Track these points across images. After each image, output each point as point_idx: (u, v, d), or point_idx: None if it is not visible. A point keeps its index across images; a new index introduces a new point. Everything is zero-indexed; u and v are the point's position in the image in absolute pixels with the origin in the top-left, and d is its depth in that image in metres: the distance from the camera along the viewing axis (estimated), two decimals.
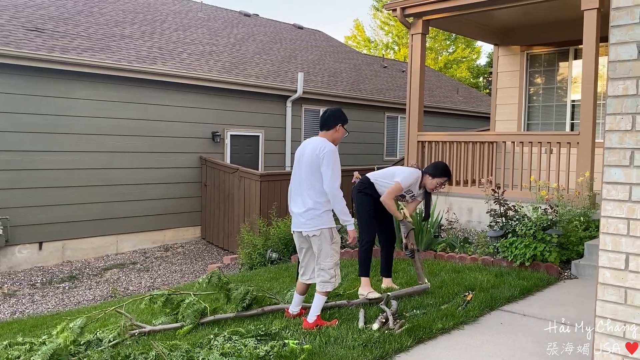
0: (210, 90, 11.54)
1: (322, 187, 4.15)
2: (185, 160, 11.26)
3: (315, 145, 4.25)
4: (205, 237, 11.55)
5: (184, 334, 4.23)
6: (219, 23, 16.24)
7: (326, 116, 4.39)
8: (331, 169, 4.13)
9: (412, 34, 8.85)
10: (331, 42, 20.17)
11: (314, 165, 4.18)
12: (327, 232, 4.17)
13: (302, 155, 4.30)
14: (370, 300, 4.74)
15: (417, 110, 8.81)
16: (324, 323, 4.21)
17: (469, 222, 8.13)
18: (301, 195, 4.23)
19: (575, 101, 9.37)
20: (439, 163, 5.29)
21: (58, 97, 9.47)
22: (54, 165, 9.46)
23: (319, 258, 4.18)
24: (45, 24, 10.62)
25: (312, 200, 4.17)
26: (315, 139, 4.35)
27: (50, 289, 8.57)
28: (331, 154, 4.17)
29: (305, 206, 4.18)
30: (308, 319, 4.20)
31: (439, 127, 15.63)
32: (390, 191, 4.95)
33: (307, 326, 4.14)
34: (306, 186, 4.21)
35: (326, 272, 4.16)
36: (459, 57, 32.23)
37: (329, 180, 4.13)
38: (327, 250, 4.17)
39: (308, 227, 4.17)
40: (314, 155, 4.19)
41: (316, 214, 4.15)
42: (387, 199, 4.96)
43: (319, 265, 4.19)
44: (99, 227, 10.08)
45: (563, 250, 5.94)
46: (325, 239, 4.16)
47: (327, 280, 4.18)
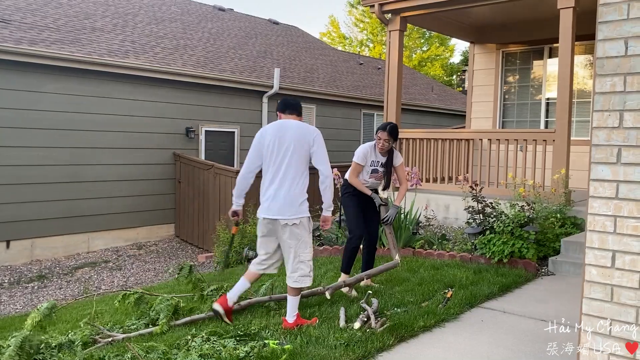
0: (184, 85, 11.33)
1: (305, 176, 4.00)
2: (159, 156, 11.03)
3: (300, 129, 4.03)
4: (179, 235, 11.35)
5: (160, 332, 4.10)
6: (193, 17, 15.98)
7: (292, 100, 4.24)
8: (325, 151, 4.02)
9: (389, 30, 8.82)
10: (307, 38, 20.06)
11: (303, 151, 3.98)
12: (306, 221, 4.03)
13: (280, 138, 4.01)
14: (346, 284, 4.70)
15: (394, 106, 8.78)
16: (305, 322, 4.10)
17: (446, 219, 8.15)
18: (284, 181, 3.97)
19: (550, 99, 9.48)
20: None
21: (25, 90, 9.16)
22: (21, 161, 9.16)
23: (298, 249, 3.99)
24: (12, 15, 10.27)
25: (298, 187, 3.98)
26: (293, 121, 4.12)
27: (19, 289, 8.31)
28: (322, 138, 4.05)
29: (290, 193, 3.96)
30: (287, 318, 4.07)
31: (415, 125, 15.69)
32: (351, 170, 5.03)
33: (288, 326, 4.03)
34: (293, 173, 3.97)
35: (305, 264, 4.01)
36: (433, 55, 32.45)
37: (326, 164, 4.02)
38: (306, 240, 4.02)
39: (289, 215, 3.95)
40: (302, 140, 3.99)
41: (300, 202, 3.98)
42: (350, 178, 5.02)
43: (297, 257, 3.99)
44: (69, 224, 9.81)
45: (540, 246, 5.98)
46: (305, 228, 4.01)
47: (307, 274, 4.03)
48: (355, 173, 5.00)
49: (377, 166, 5.06)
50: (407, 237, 6.75)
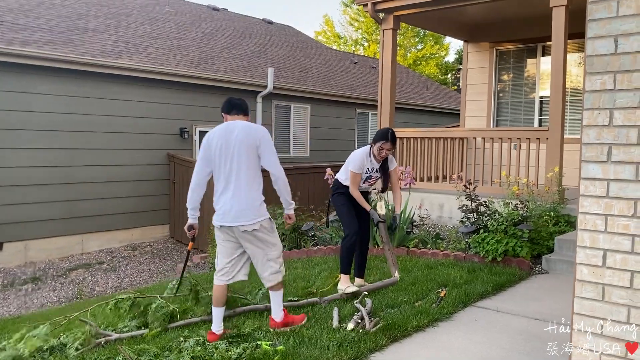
0: (178, 86, 11.29)
1: (258, 178, 3.86)
2: (153, 157, 10.99)
3: (245, 131, 3.83)
4: (174, 235, 11.31)
5: (153, 336, 4.08)
6: (187, 17, 15.93)
7: (237, 100, 4.04)
8: (273, 151, 3.87)
9: (383, 29, 8.81)
10: (301, 38, 20.03)
11: (251, 153, 3.79)
12: (267, 222, 3.91)
13: (227, 141, 3.80)
14: (346, 294, 4.68)
15: (388, 106, 8.78)
16: (292, 318, 4.06)
17: (440, 217, 8.15)
18: (238, 187, 3.78)
19: (543, 97, 9.49)
20: (380, 129, 5.17)
21: (18, 91, 9.10)
22: (14, 162, 9.10)
23: (264, 250, 3.89)
24: (3, 15, 10.20)
25: (253, 191, 3.82)
26: (240, 122, 3.91)
27: (12, 291, 8.26)
28: (269, 136, 3.89)
29: (245, 199, 3.79)
30: (274, 317, 4.01)
31: (409, 124, 15.67)
32: (351, 182, 4.90)
33: (276, 325, 3.99)
34: (245, 177, 3.78)
35: (274, 261, 3.94)
36: (428, 53, 32.47)
37: (275, 164, 3.87)
38: (272, 240, 3.94)
39: (248, 221, 3.78)
40: (249, 139, 3.80)
41: (256, 206, 3.83)
42: (352, 190, 4.91)
43: (265, 256, 3.90)
44: (63, 226, 9.75)
45: (534, 245, 5.98)
46: (268, 230, 3.91)
47: (278, 270, 3.96)
48: (356, 184, 4.88)
49: (371, 172, 4.99)
50: (401, 237, 6.74)
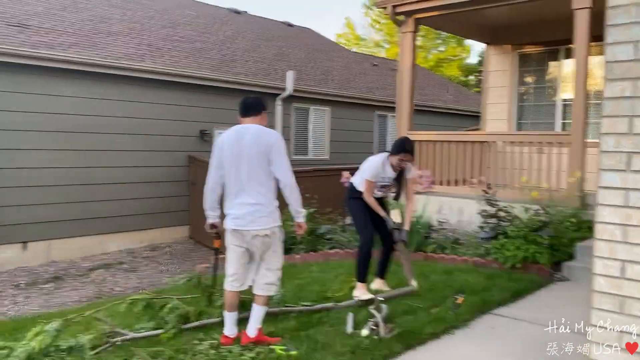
0: (198, 88, 11.38)
1: (271, 182, 3.76)
2: (173, 158, 11.10)
3: (257, 136, 3.74)
4: (193, 236, 11.40)
5: (168, 339, 4.10)
6: (209, 20, 16.06)
7: (252, 101, 3.96)
8: (284, 158, 3.77)
9: (402, 32, 8.76)
10: (321, 40, 20.04)
11: (262, 158, 3.71)
12: (278, 230, 3.84)
13: (239, 146, 3.75)
14: (361, 301, 4.65)
15: (407, 109, 8.72)
16: (266, 339, 3.83)
17: (459, 222, 8.05)
18: (250, 192, 3.73)
19: (566, 100, 9.33)
20: (397, 139, 5.11)
21: (43, 94, 9.27)
22: (38, 164, 9.27)
23: (269, 257, 3.81)
24: (30, 19, 10.41)
25: (263, 196, 3.73)
26: (252, 126, 3.83)
27: (35, 290, 8.39)
28: (280, 141, 3.79)
29: (258, 204, 3.72)
30: (248, 331, 3.82)
31: (429, 126, 15.51)
32: (364, 189, 4.89)
33: (247, 341, 3.78)
34: (255, 182, 3.72)
35: (273, 272, 3.84)
36: (450, 55, 32.22)
37: (285, 171, 3.75)
38: (277, 250, 3.85)
39: (259, 225, 3.72)
40: (260, 145, 3.71)
41: (268, 211, 3.75)
42: (366, 197, 4.89)
43: (266, 265, 3.82)
44: (84, 226, 9.91)
45: (554, 251, 5.87)
46: (277, 237, 3.83)
47: (273, 282, 3.85)
48: (370, 191, 4.87)
49: (387, 181, 4.97)
50: (418, 241, 6.69)
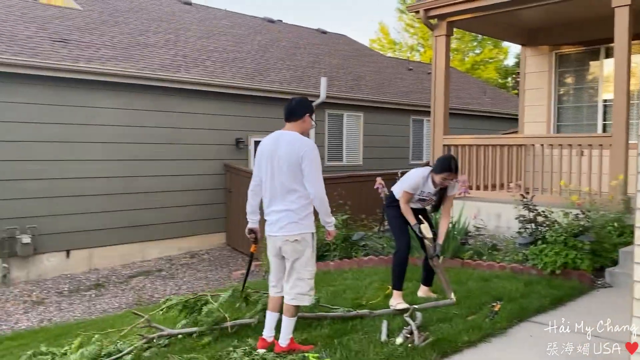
0: (233, 97, 11.55)
1: (304, 190, 3.70)
2: (209, 167, 11.28)
3: (292, 142, 3.74)
4: (230, 243, 11.54)
5: (203, 345, 4.16)
6: (243, 30, 16.28)
7: (294, 105, 3.90)
8: (315, 168, 3.69)
9: (435, 35, 8.69)
10: (355, 46, 20.05)
11: (294, 166, 3.68)
12: (309, 237, 3.76)
13: (274, 153, 3.76)
14: (397, 310, 4.60)
15: (442, 113, 8.63)
16: (299, 347, 3.82)
17: (497, 228, 7.89)
18: (282, 198, 3.73)
19: (607, 101, 9.05)
20: (442, 157, 5.04)
21: (83, 106, 9.58)
22: (79, 174, 9.57)
23: (299, 266, 3.74)
24: (71, 34, 10.78)
25: (293, 203, 3.70)
26: (288, 133, 3.83)
27: (77, 297, 8.65)
28: (312, 151, 3.71)
29: (288, 210, 3.71)
30: (280, 342, 3.79)
31: (466, 130, 15.28)
32: (401, 199, 4.88)
33: (280, 350, 3.77)
34: (286, 190, 3.71)
35: (305, 282, 3.75)
36: (487, 58, 31.75)
37: (314, 182, 3.68)
38: (308, 258, 3.75)
39: (289, 232, 3.70)
40: (292, 154, 3.69)
41: (298, 218, 3.70)
42: (402, 206, 4.88)
43: (297, 274, 3.74)
44: (124, 234, 10.16)
45: (596, 257, 5.69)
46: (308, 245, 3.74)
47: (306, 293, 3.75)
48: (406, 202, 4.86)
49: (425, 195, 4.92)
50: (455, 248, 6.58)
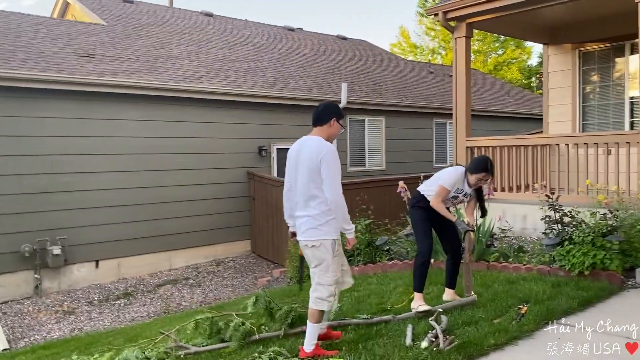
0: (255, 106, 11.65)
1: (324, 196, 3.73)
2: (233, 175, 11.38)
3: (312, 147, 3.79)
4: (255, 250, 11.62)
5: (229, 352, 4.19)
6: (264, 39, 16.43)
7: (320, 110, 3.95)
8: (332, 173, 3.70)
9: (455, 37, 8.65)
10: (375, 51, 20.04)
11: (314, 171, 3.72)
12: (329, 243, 3.75)
13: (297, 159, 3.86)
14: (418, 313, 4.57)
15: (464, 115, 8.57)
16: (323, 352, 3.83)
17: (523, 229, 7.79)
18: (305, 203, 3.80)
19: (634, 98, 8.88)
20: (478, 158, 5.05)
21: (109, 119, 9.78)
22: (107, 185, 9.76)
23: (320, 271, 3.78)
24: (96, 49, 11.03)
25: (314, 208, 3.75)
26: (311, 138, 3.89)
27: (107, 306, 8.80)
28: (331, 155, 3.73)
29: (309, 215, 3.77)
30: (305, 347, 3.83)
31: (490, 131, 15.09)
32: (436, 194, 4.79)
33: (304, 355, 3.80)
34: (308, 195, 3.77)
35: (324, 288, 3.76)
36: (509, 58, 31.40)
37: (330, 186, 3.69)
38: (328, 263, 3.76)
39: (309, 237, 3.78)
40: (312, 159, 3.74)
41: (318, 224, 3.74)
42: (434, 202, 4.80)
43: (317, 279, 3.79)
44: (151, 244, 10.31)
45: (626, 257, 5.57)
46: (327, 251, 3.75)
47: (324, 298, 3.76)
48: (441, 198, 4.80)
49: (459, 194, 4.89)
50: (480, 250, 6.52)
